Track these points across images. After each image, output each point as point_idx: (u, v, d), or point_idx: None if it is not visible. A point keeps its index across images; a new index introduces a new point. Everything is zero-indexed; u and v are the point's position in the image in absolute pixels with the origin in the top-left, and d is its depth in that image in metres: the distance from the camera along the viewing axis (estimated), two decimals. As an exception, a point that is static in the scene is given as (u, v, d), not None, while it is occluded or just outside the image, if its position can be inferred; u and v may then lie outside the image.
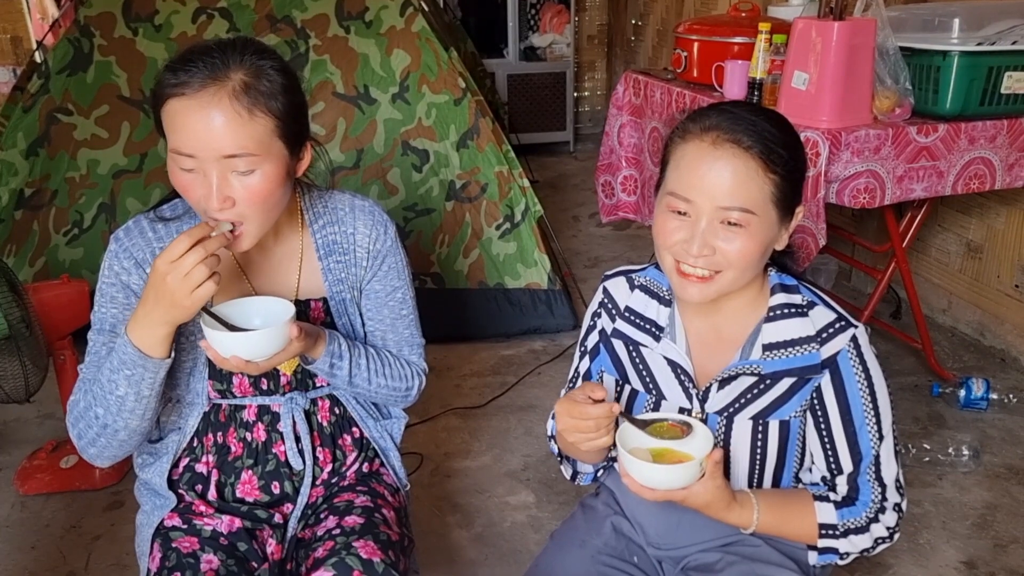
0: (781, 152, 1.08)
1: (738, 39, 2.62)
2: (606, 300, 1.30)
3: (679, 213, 1.10)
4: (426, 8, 3.09)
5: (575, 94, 5.71)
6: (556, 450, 1.34)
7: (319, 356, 1.25)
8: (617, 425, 1.12)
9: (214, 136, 1.08)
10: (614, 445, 1.30)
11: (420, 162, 3.03)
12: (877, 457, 1.16)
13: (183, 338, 1.24)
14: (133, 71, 2.99)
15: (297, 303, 1.30)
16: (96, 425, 1.19)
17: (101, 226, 3.00)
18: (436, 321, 3.00)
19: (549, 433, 1.35)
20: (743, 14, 2.79)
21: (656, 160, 2.87)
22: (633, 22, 5.66)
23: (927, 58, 2.16)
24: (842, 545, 1.17)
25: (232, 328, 1.13)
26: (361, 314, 1.38)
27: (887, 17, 2.12)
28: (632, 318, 1.25)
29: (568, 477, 1.37)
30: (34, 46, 4.87)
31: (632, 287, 1.27)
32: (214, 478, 1.32)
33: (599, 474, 1.38)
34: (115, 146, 3.00)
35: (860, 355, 1.15)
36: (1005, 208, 2.76)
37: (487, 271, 3.05)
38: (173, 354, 1.15)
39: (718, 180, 1.07)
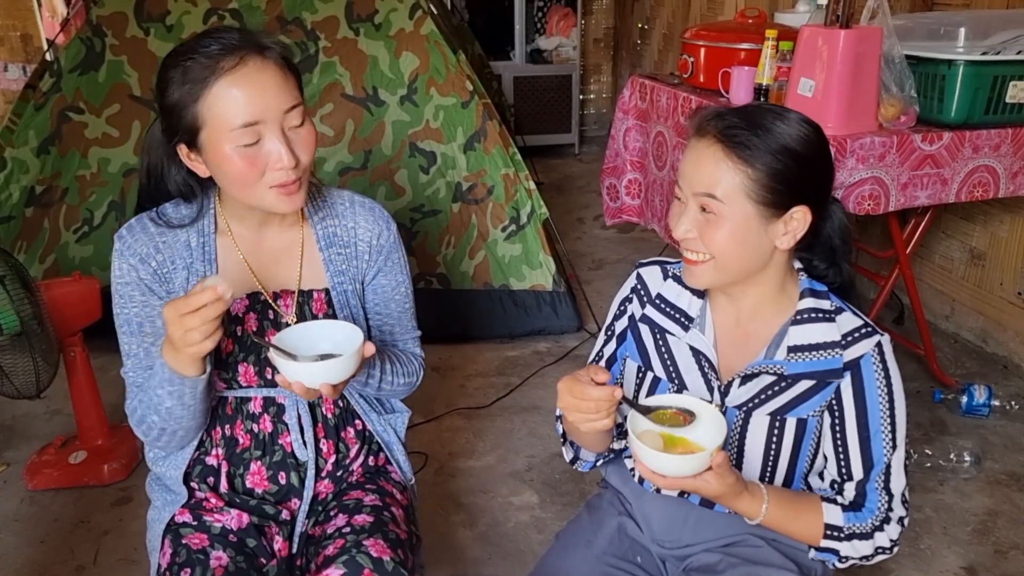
0: (748, 146, 1.08)
1: (745, 45, 2.64)
2: (638, 286, 1.31)
3: (679, 200, 1.17)
4: (435, 11, 3.11)
5: (581, 97, 5.74)
6: (561, 430, 1.35)
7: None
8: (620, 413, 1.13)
9: (273, 94, 1.16)
10: (616, 436, 1.32)
11: (427, 164, 3.05)
12: (888, 466, 1.17)
13: None
14: (144, 71, 3.01)
15: (300, 294, 1.33)
16: (155, 429, 1.25)
17: (111, 224, 3.02)
18: (441, 321, 3.03)
19: (558, 413, 1.36)
20: (750, 20, 2.81)
21: (660, 164, 2.90)
22: (639, 26, 5.68)
23: (932, 67, 2.17)
24: (844, 548, 1.18)
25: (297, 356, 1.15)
26: (364, 307, 1.40)
27: (893, 25, 2.13)
28: (662, 306, 1.27)
29: (568, 460, 1.37)
30: (44, 44, 4.90)
31: (666, 276, 1.29)
32: (224, 469, 1.34)
33: (598, 463, 1.38)
34: (126, 145, 3.03)
35: (884, 362, 1.16)
36: (1009, 216, 2.78)
37: (492, 272, 3.07)
38: (209, 368, 1.18)
39: (694, 167, 1.14)
